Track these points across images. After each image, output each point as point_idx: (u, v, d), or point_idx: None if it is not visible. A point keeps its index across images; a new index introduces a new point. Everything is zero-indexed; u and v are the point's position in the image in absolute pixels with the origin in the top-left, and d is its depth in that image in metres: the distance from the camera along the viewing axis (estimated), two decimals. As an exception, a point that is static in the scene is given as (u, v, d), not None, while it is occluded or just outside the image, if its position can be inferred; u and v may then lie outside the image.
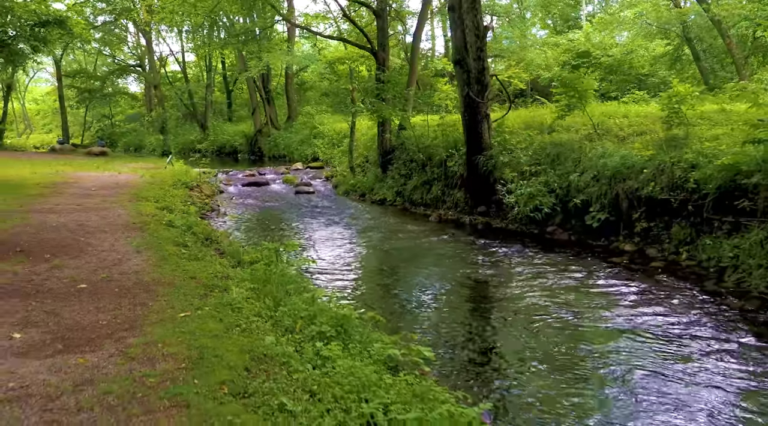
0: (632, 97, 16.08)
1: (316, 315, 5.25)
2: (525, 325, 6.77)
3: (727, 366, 5.48)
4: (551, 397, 4.99)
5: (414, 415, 3.48)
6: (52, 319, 5.07)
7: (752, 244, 7.71)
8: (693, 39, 28.14)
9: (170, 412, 3.46)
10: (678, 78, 28.26)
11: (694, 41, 28.25)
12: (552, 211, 11.14)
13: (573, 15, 41.57)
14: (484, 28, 12.53)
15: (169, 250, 7.90)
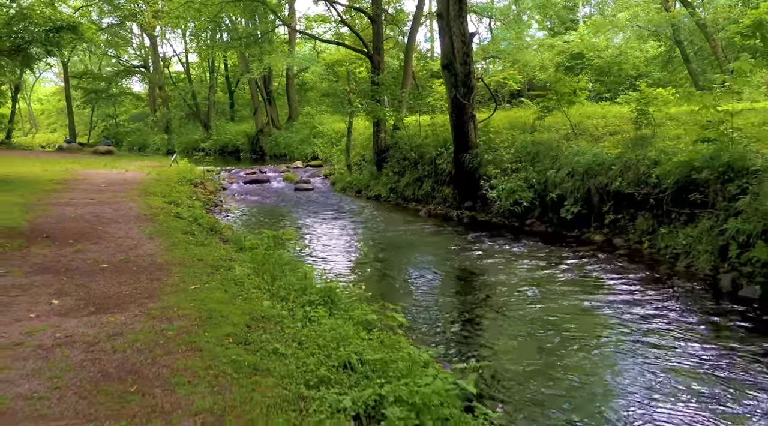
0: (625, 98, 16.92)
1: (307, 288, 6.16)
2: (500, 302, 7.66)
3: (672, 334, 6.37)
4: (512, 358, 5.89)
5: (380, 356, 4.37)
6: (83, 290, 5.97)
7: (701, 232, 8.59)
8: (683, 41, 28.95)
9: (186, 354, 4.35)
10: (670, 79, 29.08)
11: (685, 44, 29.07)
12: (531, 205, 12.03)
13: (570, 17, 42.30)
14: (470, 35, 13.42)
15: (178, 238, 8.80)
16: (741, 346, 5.96)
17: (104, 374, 3.99)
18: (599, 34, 33.26)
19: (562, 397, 5.04)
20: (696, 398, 4.96)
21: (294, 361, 4.32)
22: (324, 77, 35.00)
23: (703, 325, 6.63)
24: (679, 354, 5.86)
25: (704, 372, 5.45)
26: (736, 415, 4.70)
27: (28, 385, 3.79)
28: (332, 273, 9.05)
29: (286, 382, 3.96)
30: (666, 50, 30.86)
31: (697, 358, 5.73)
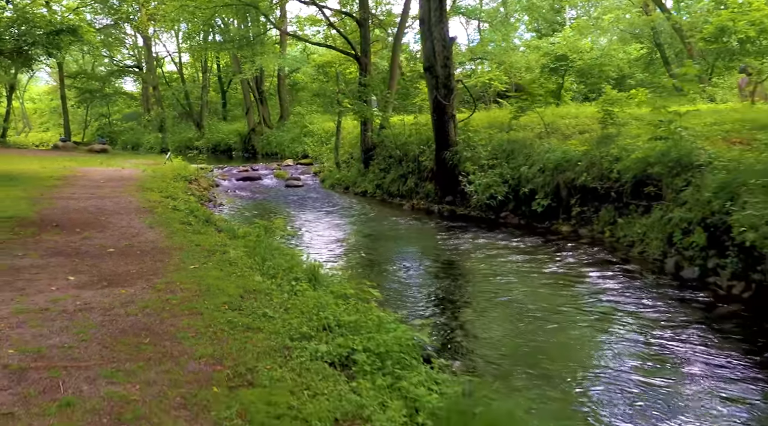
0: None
1: (294, 267, 6.97)
2: (471, 283, 8.53)
3: (617, 306, 7.24)
4: (477, 328, 6.73)
5: (353, 318, 5.19)
6: (94, 269, 6.74)
7: (653, 222, 9.46)
8: (662, 44, 29.88)
9: (189, 317, 5.15)
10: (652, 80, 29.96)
11: (664, 46, 30.01)
12: (505, 199, 12.88)
13: (558, 19, 43.07)
14: (450, 39, 14.25)
15: (176, 227, 9.57)
16: (675, 317, 6.83)
17: (121, 331, 4.78)
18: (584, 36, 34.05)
19: (517, 355, 5.88)
20: (628, 349, 5.82)
21: (280, 322, 5.12)
22: (315, 78, 35.77)
23: (646, 300, 7.49)
24: (617, 319, 6.73)
25: (641, 336, 6.31)
26: (665, 361, 5.56)
27: (59, 338, 4.58)
28: (319, 259, 9.84)
29: (274, 337, 4.76)
30: (647, 52, 31.79)
31: (636, 325, 6.60)
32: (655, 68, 31.59)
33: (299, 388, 3.84)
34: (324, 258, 10.21)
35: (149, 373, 4.00)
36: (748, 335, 6.33)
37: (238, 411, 3.50)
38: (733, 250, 7.43)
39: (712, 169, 8.51)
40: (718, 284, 7.64)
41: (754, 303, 7.02)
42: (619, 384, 5.28)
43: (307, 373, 4.10)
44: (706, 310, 7.07)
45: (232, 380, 3.94)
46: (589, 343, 6.45)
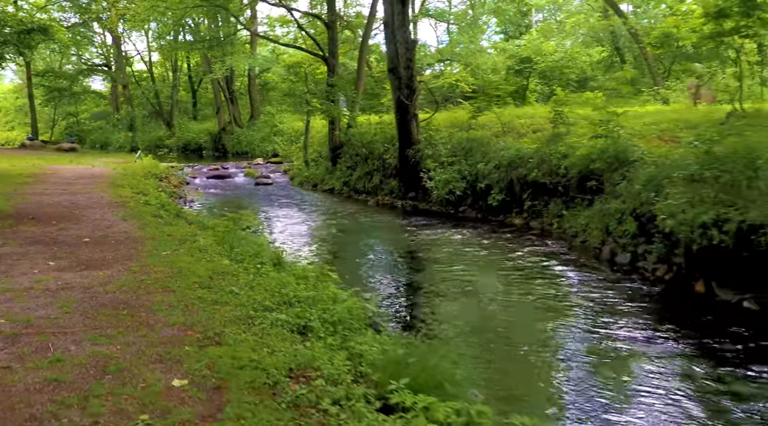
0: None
1: (260, 253, 7.56)
2: (428, 269, 9.25)
3: (554, 287, 8.02)
4: (428, 305, 7.42)
5: (311, 294, 5.82)
6: (72, 256, 7.24)
7: (594, 213, 10.29)
8: (621, 48, 31.05)
9: (163, 293, 5.72)
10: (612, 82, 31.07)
11: (624, 50, 31.19)
12: (464, 194, 13.64)
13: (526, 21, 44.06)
14: (412, 42, 14.98)
15: (148, 220, 10.07)
16: (606, 297, 7.64)
17: (101, 304, 5.33)
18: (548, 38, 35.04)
19: (462, 327, 6.59)
20: (562, 323, 6.59)
21: (246, 298, 5.72)
22: (285, 78, 36.20)
23: (583, 283, 8.29)
24: (557, 300, 7.51)
25: (576, 314, 7.09)
26: (592, 332, 6.33)
27: (45, 311, 5.12)
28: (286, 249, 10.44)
29: (239, 309, 5.37)
30: (608, 55, 32.97)
31: (572, 304, 7.38)
32: (615, 71, 32.79)
33: (260, 347, 4.46)
34: (291, 248, 10.80)
35: (128, 337, 4.58)
36: (668, 313, 7.15)
37: (206, 364, 4.11)
38: (657, 236, 8.26)
39: (643, 164, 9.37)
40: (645, 268, 8.47)
41: (674, 284, 7.86)
42: (550, 349, 6.03)
43: (267, 336, 4.72)
44: (633, 291, 7.88)
45: (201, 342, 4.54)
46: (530, 318, 7.20)
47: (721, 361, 5.63)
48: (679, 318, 6.94)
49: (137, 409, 3.46)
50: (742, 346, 5.94)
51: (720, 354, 5.82)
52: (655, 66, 26.68)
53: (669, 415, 4.70)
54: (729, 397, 4.98)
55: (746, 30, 10.27)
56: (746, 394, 5.03)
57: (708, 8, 10.71)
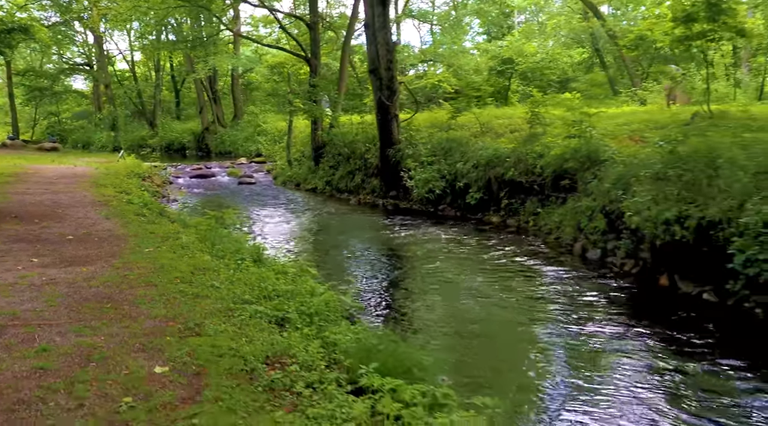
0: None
1: (240, 250, 7.77)
2: (407, 265, 9.50)
3: (528, 280, 8.31)
4: (405, 298, 7.67)
5: (289, 287, 6.05)
6: (56, 253, 7.39)
7: (567, 211, 10.62)
8: (601, 49, 31.54)
9: (146, 288, 5.91)
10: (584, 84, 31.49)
11: (603, 51, 31.69)
12: (443, 193, 13.92)
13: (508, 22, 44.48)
14: (392, 44, 15.22)
15: (131, 218, 10.21)
16: (576, 291, 7.94)
17: (85, 298, 5.52)
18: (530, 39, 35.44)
19: (436, 319, 6.85)
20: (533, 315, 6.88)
21: (226, 291, 5.93)
22: (269, 78, 36.29)
23: (554, 278, 8.59)
24: (530, 293, 7.80)
25: (548, 308, 7.38)
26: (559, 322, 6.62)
27: (31, 304, 5.29)
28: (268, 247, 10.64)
29: (219, 302, 5.58)
30: (588, 57, 33.47)
31: (544, 298, 7.68)
32: (595, 72, 33.33)
33: (239, 336, 4.68)
34: (272, 246, 11.01)
35: (112, 328, 4.78)
36: (634, 306, 7.47)
37: (187, 352, 4.32)
38: (625, 233, 8.60)
39: (613, 163, 9.71)
40: (614, 263, 8.81)
41: (640, 278, 8.20)
42: (521, 340, 6.32)
43: (246, 327, 4.94)
44: (602, 285, 8.19)
45: (182, 332, 4.75)
46: (503, 311, 7.46)
47: (680, 350, 5.94)
48: (644, 310, 7.27)
49: (121, 392, 3.67)
50: (700, 336, 6.26)
51: (679, 344, 6.14)
52: (633, 67, 27.20)
53: (632, 403, 4.98)
54: (687, 383, 5.28)
55: (712, 34, 10.65)
56: (703, 381, 5.33)
57: (677, 13, 11.09)
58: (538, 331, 6.67)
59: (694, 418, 4.67)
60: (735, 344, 6.13)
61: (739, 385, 5.18)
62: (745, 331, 6.34)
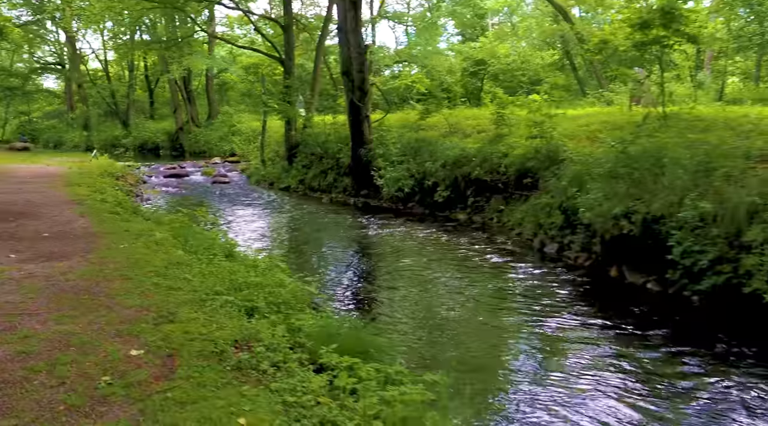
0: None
1: (213, 245, 8.08)
2: (375, 259, 9.90)
3: (489, 272, 8.76)
4: (371, 289, 8.06)
5: (259, 280, 6.39)
6: (33, 249, 7.62)
7: (528, 208, 11.12)
8: (570, 51, 32.28)
9: (121, 281, 6.20)
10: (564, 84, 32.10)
11: (573, 53, 32.43)
12: (412, 191, 14.35)
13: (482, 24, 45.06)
14: (364, 46, 15.61)
15: (105, 216, 10.44)
16: (533, 282, 8.42)
17: (63, 291, 5.80)
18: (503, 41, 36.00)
19: (399, 307, 7.26)
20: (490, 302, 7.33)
21: (198, 284, 6.25)
22: (244, 78, 36.41)
23: (514, 270, 9.07)
24: (491, 283, 8.26)
25: (505, 294, 7.85)
26: (514, 310, 7.08)
27: (11, 296, 5.56)
28: (241, 243, 10.94)
29: (192, 293, 5.90)
30: (559, 58, 34.21)
31: (503, 287, 8.14)
32: (565, 74, 34.09)
33: (210, 323, 5.02)
34: (245, 243, 11.31)
35: (89, 317, 5.08)
36: (586, 296, 7.97)
37: (161, 337, 4.65)
38: (580, 228, 9.11)
39: (571, 162, 10.23)
40: (569, 256, 9.32)
41: (593, 270, 8.72)
42: (479, 327, 6.76)
43: (217, 315, 5.28)
44: (558, 277, 8.68)
45: (156, 320, 5.08)
46: (464, 301, 7.90)
47: (625, 337, 6.44)
48: (594, 300, 7.77)
49: (99, 372, 4.00)
50: (643, 323, 6.76)
51: (624, 330, 6.62)
52: (601, 70, 27.97)
53: (578, 383, 5.43)
54: (630, 365, 5.76)
55: (666, 40, 11.24)
56: (642, 362, 5.82)
57: (633, 20, 11.66)
58: (495, 319, 7.12)
59: (635, 394, 5.15)
60: (674, 329, 6.63)
61: (679, 368, 5.68)
62: (683, 317, 6.85)
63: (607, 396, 5.13)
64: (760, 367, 5.51)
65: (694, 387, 5.29)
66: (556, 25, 31.51)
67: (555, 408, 4.96)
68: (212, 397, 3.69)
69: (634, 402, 5.02)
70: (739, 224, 6.46)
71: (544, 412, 4.91)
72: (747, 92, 23.50)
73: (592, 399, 5.10)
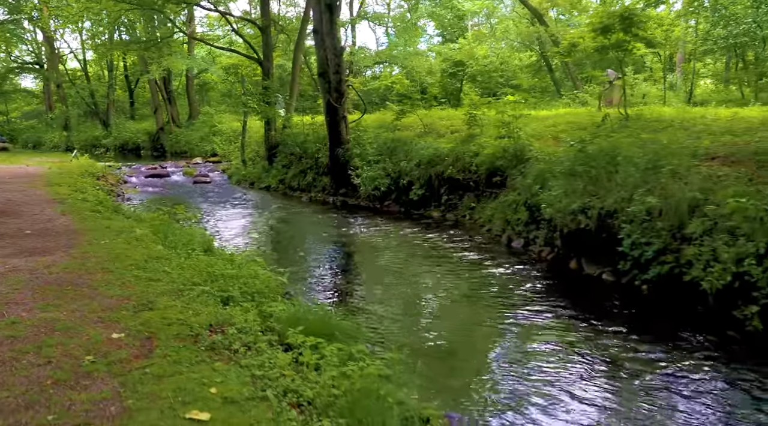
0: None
1: (191, 241, 8.43)
2: (350, 254, 10.28)
3: (459, 264, 9.21)
4: (345, 283, 8.46)
5: (234, 272, 6.77)
6: (16, 245, 7.91)
7: (497, 205, 11.61)
8: (546, 53, 32.93)
9: (103, 273, 6.54)
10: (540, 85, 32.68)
11: (548, 55, 33.09)
12: (388, 190, 14.78)
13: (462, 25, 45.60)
14: (340, 48, 16.00)
15: (87, 214, 10.71)
16: (500, 272, 8.89)
17: (47, 283, 6.12)
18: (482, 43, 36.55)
19: (367, 298, 7.67)
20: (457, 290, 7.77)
21: (177, 276, 6.61)
22: (224, 79, 36.60)
23: (482, 263, 9.53)
24: (459, 276, 8.71)
25: (472, 286, 8.30)
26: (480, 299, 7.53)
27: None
28: (221, 242, 11.29)
29: (171, 284, 6.26)
30: (537, 60, 34.84)
31: (470, 278, 8.59)
32: (541, 75, 34.77)
33: (186, 310, 5.39)
34: (225, 240, 11.66)
35: (72, 306, 5.42)
36: (547, 287, 8.44)
37: (140, 322, 5.02)
38: (543, 223, 9.60)
39: (536, 161, 10.72)
40: (534, 250, 9.81)
41: (555, 263, 9.21)
42: (445, 314, 7.19)
43: (193, 303, 5.65)
44: (522, 270, 9.15)
45: (136, 308, 5.44)
46: (433, 292, 8.34)
47: (581, 324, 6.90)
48: (555, 291, 8.23)
49: (83, 352, 4.36)
50: (598, 311, 7.25)
51: (581, 319, 7.09)
52: (576, 71, 28.67)
53: (534, 365, 5.88)
54: (585, 349, 6.22)
55: (626, 45, 11.80)
56: (596, 346, 6.29)
57: (596, 24, 12.20)
58: (461, 309, 7.55)
59: (588, 373, 5.62)
60: (624, 316, 7.13)
61: (629, 353, 6.16)
62: (632, 305, 7.35)
63: (558, 375, 5.59)
64: (697, 351, 6.02)
65: (641, 369, 5.75)
66: (532, 27, 32.16)
67: (508, 384, 5.41)
68: (187, 372, 4.07)
69: (582, 380, 5.49)
70: (681, 218, 6.98)
71: (498, 387, 5.36)
72: (716, 94, 24.31)
73: (545, 376, 5.56)
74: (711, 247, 6.52)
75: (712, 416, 4.82)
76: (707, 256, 6.50)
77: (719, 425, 4.72)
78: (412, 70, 34.55)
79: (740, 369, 5.57)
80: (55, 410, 3.50)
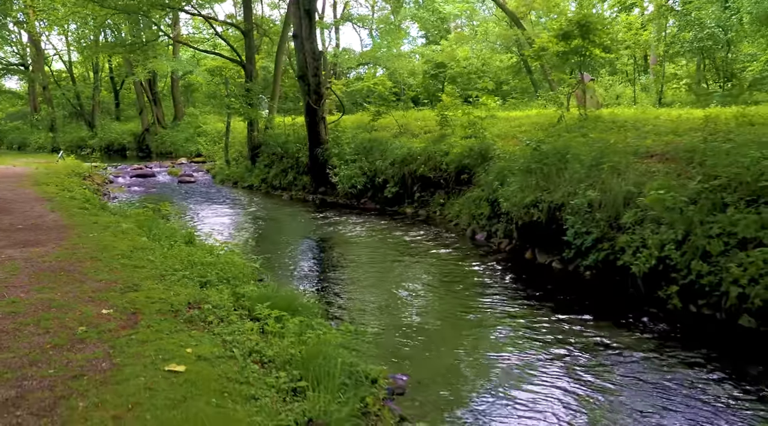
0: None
1: (174, 234, 9.09)
2: (326, 247, 10.96)
3: (426, 257, 9.93)
4: (318, 270, 9.16)
5: (214, 260, 7.45)
6: (10, 238, 8.53)
7: (464, 201, 12.36)
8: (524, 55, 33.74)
9: (92, 262, 7.19)
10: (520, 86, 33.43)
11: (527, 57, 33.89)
12: (364, 188, 15.49)
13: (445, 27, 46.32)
14: (319, 52, 16.69)
15: (75, 211, 11.31)
16: (464, 263, 9.63)
17: (41, 269, 6.77)
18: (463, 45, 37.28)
19: (338, 284, 8.38)
20: (425, 279, 8.50)
21: (160, 264, 7.28)
22: (209, 81, 37.13)
23: (450, 255, 10.26)
24: (426, 265, 9.43)
25: (437, 274, 9.03)
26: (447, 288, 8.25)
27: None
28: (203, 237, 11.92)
29: (155, 271, 6.93)
30: (516, 62, 35.69)
31: (438, 268, 9.32)
32: (521, 77, 35.61)
33: (168, 291, 6.07)
34: (208, 235, 12.29)
35: (66, 288, 6.08)
36: (505, 275, 9.19)
37: (127, 301, 5.69)
38: (502, 217, 10.36)
39: (498, 159, 11.49)
40: (495, 243, 10.56)
41: (512, 253, 9.97)
42: (410, 303, 7.92)
43: (174, 286, 6.33)
44: (484, 260, 9.90)
45: (123, 290, 6.10)
46: (399, 280, 9.04)
47: (529, 306, 7.65)
48: (510, 279, 8.97)
49: (77, 324, 5.02)
50: (545, 295, 7.99)
51: (532, 303, 7.84)
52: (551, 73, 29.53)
53: (487, 344, 6.62)
54: (533, 330, 6.96)
55: (583, 50, 12.60)
56: (542, 327, 7.04)
57: (557, 31, 13.00)
58: (423, 294, 8.28)
59: (535, 351, 6.36)
60: (568, 301, 7.87)
61: (570, 335, 6.92)
62: (576, 289, 8.11)
63: (505, 350, 6.34)
64: (627, 329, 6.78)
65: (579, 344, 6.49)
66: (511, 29, 32.98)
67: (460, 357, 6.14)
68: (167, 338, 4.76)
69: (528, 355, 6.23)
70: (617, 209, 7.75)
71: (449, 360, 6.08)
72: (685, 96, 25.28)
73: (495, 352, 6.30)
74: (640, 235, 7.30)
75: (636, 384, 5.59)
76: (637, 243, 7.28)
77: (646, 387, 5.48)
78: (395, 71, 35.24)
79: (663, 343, 6.33)
80: (55, 366, 4.18)
